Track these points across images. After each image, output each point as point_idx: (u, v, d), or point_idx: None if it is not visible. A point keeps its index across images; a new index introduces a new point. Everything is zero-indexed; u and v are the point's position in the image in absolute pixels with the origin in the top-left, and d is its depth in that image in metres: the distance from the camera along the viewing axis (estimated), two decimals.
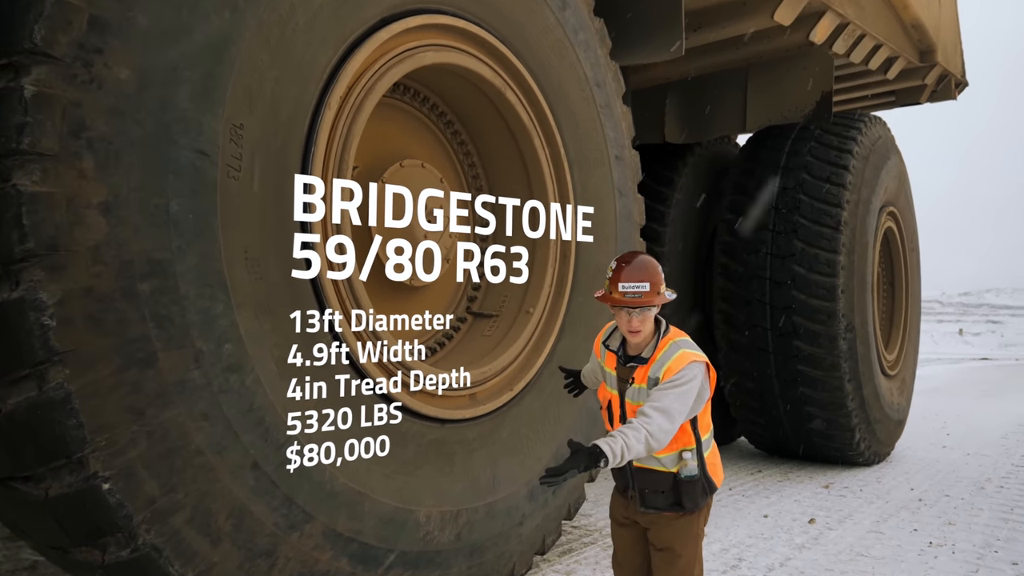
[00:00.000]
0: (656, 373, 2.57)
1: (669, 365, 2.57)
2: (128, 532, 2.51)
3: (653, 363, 2.59)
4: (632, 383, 2.62)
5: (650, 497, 2.65)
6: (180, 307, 2.54)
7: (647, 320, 2.57)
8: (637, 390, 2.61)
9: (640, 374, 2.61)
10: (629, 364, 2.65)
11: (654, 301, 2.54)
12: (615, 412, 2.71)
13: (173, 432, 2.54)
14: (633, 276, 2.55)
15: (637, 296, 2.54)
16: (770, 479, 6.77)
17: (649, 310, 2.56)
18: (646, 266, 2.58)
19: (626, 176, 4.67)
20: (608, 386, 2.74)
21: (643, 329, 2.58)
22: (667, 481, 2.62)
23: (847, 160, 6.91)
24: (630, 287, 2.54)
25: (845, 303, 6.73)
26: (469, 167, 4.25)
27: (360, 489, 3.08)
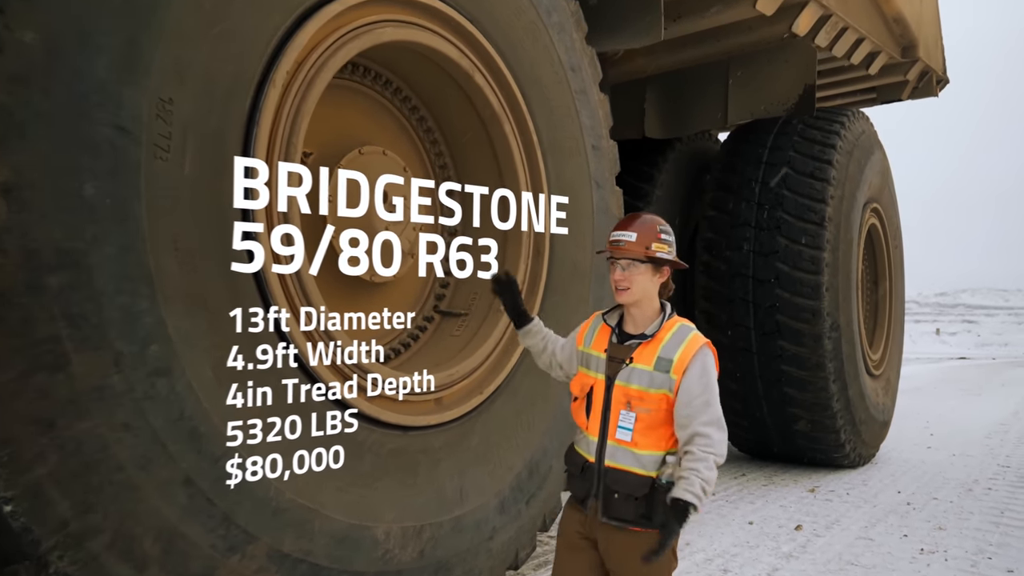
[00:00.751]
0: (669, 354, 2.30)
1: (685, 347, 2.30)
2: (37, 560, 2.19)
3: (662, 342, 2.32)
4: (629, 363, 2.33)
5: (617, 504, 2.29)
6: (96, 304, 2.22)
7: (634, 279, 2.34)
8: (636, 371, 2.31)
9: (644, 353, 2.32)
10: (628, 342, 2.37)
11: (636, 252, 2.33)
12: (596, 400, 2.39)
13: (89, 445, 2.21)
14: (624, 225, 2.40)
15: (619, 244, 2.36)
16: (754, 483, 6.52)
17: (635, 266, 2.34)
18: (642, 220, 2.40)
19: (604, 167, 4.38)
20: (591, 371, 2.43)
21: (631, 288, 2.34)
22: (643, 486, 2.27)
23: (831, 155, 6.68)
24: (617, 235, 2.38)
25: (830, 301, 6.50)
26: (436, 156, 3.95)
27: (310, 505, 2.77)
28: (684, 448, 2.29)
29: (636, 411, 2.30)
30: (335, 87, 3.49)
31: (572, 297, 4.11)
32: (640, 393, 2.30)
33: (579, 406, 2.46)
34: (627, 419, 2.30)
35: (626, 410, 2.31)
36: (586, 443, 2.42)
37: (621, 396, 2.33)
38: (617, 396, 2.34)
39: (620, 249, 2.35)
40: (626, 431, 2.30)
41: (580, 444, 2.46)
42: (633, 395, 2.31)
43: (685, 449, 2.29)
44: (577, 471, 2.43)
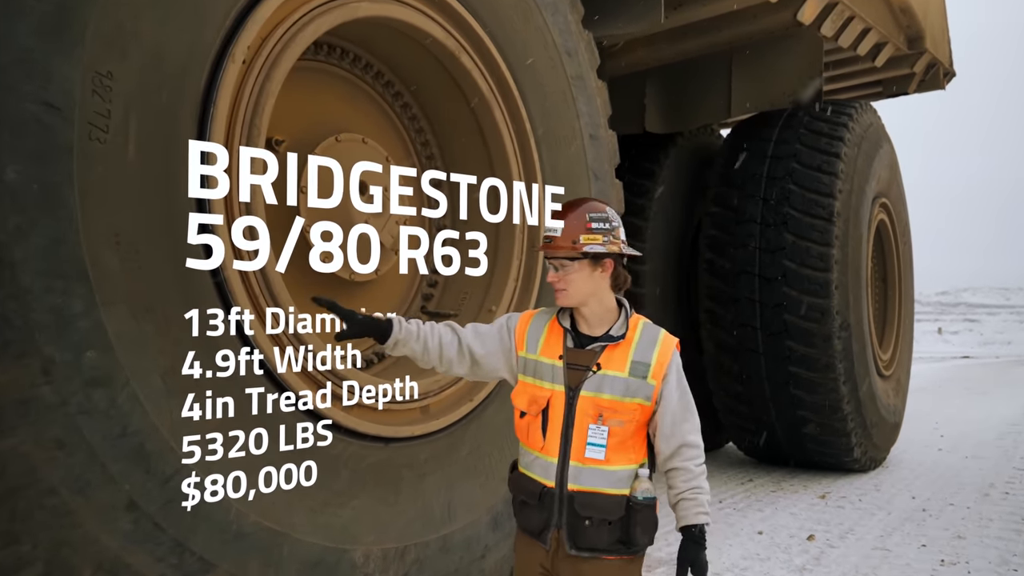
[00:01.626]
0: (645, 358, 2.02)
1: (660, 349, 2.03)
2: None
3: (632, 344, 2.04)
4: (596, 370, 2.02)
5: (588, 532, 1.99)
6: (21, 304, 1.92)
7: (569, 279, 2.03)
8: (608, 379, 2.01)
9: (614, 358, 2.03)
10: (591, 346, 2.06)
11: (563, 249, 2.02)
12: (555, 415, 2.04)
13: (14, 466, 1.92)
14: (554, 215, 2.08)
15: (547, 241, 2.06)
16: (762, 489, 6.21)
17: (568, 265, 2.03)
18: (572, 208, 2.06)
19: (602, 158, 4.08)
20: (543, 382, 2.08)
21: (568, 289, 2.04)
22: (617, 507, 1.99)
23: (839, 148, 6.37)
24: (545, 229, 2.08)
25: (839, 299, 6.19)
26: (422, 145, 3.65)
27: (277, 528, 2.47)
28: (673, 464, 2.05)
29: (609, 424, 2.00)
30: (311, 71, 3.20)
31: None
32: (613, 403, 2.01)
33: (530, 424, 2.10)
34: (598, 434, 2.00)
35: (596, 424, 2.00)
36: (541, 466, 2.06)
37: (590, 408, 2.01)
38: (584, 408, 2.01)
39: (547, 247, 2.05)
40: (598, 448, 2.00)
41: (533, 468, 2.09)
42: (605, 406, 2.00)
43: (675, 465, 2.05)
44: (532, 499, 2.06)
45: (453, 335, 2.18)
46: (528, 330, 2.15)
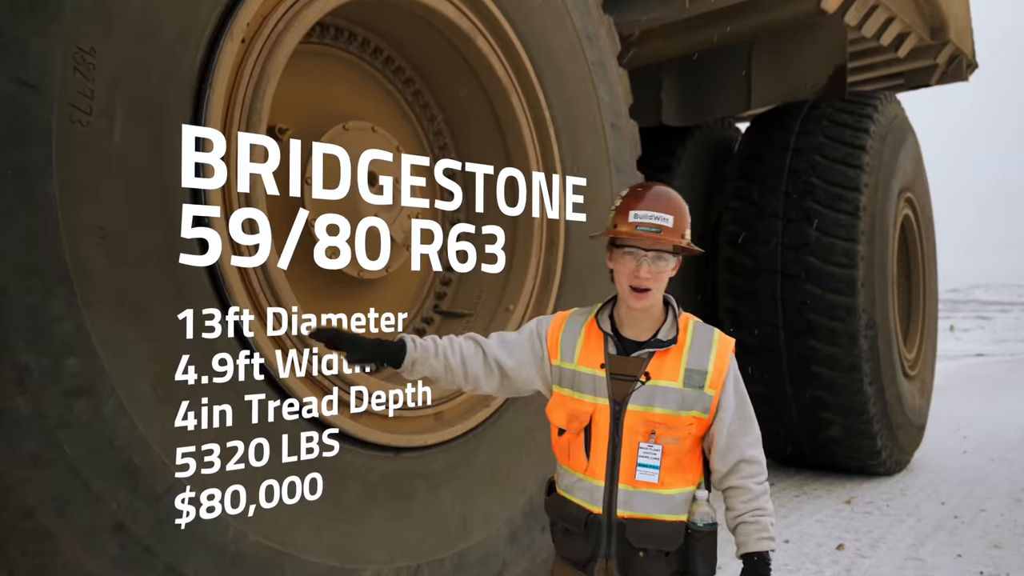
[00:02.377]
0: (701, 364, 1.79)
1: (717, 353, 1.81)
2: None
3: (685, 349, 1.81)
4: (646, 380, 1.78)
5: (644, 565, 1.77)
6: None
7: (662, 276, 1.79)
8: (660, 390, 1.78)
9: (664, 366, 1.79)
10: (637, 353, 1.82)
11: (677, 241, 1.77)
12: (599, 433, 1.80)
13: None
14: (653, 204, 1.78)
15: (654, 230, 1.76)
16: (786, 494, 5.97)
17: (665, 260, 1.79)
18: (671, 197, 1.82)
19: (624, 149, 3.86)
20: (584, 394, 1.83)
21: (654, 289, 1.78)
22: (676, 536, 1.77)
23: (864, 140, 6.12)
24: (647, 216, 1.76)
25: (865, 297, 5.94)
26: (435, 135, 3.43)
27: (279, 548, 2.26)
28: (731, 483, 1.82)
29: (662, 442, 1.77)
30: (317, 55, 2.99)
31: (592, 294, 3.58)
32: (667, 418, 1.78)
33: (570, 443, 1.86)
34: (651, 454, 1.77)
35: (648, 442, 1.77)
36: (586, 490, 1.83)
37: (639, 425, 1.78)
38: (632, 425, 1.78)
39: (654, 237, 1.76)
40: (651, 470, 1.76)
41: (575, 491, 1.86)
42: (658, 421, 1.77)
43: (733, 484, 1.82)
44: (577, 527, 1.83)
45: (476, 348, 1.93)
46: (562, 336, 1.90)
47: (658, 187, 1.85)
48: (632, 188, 1.86)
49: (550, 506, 1.94)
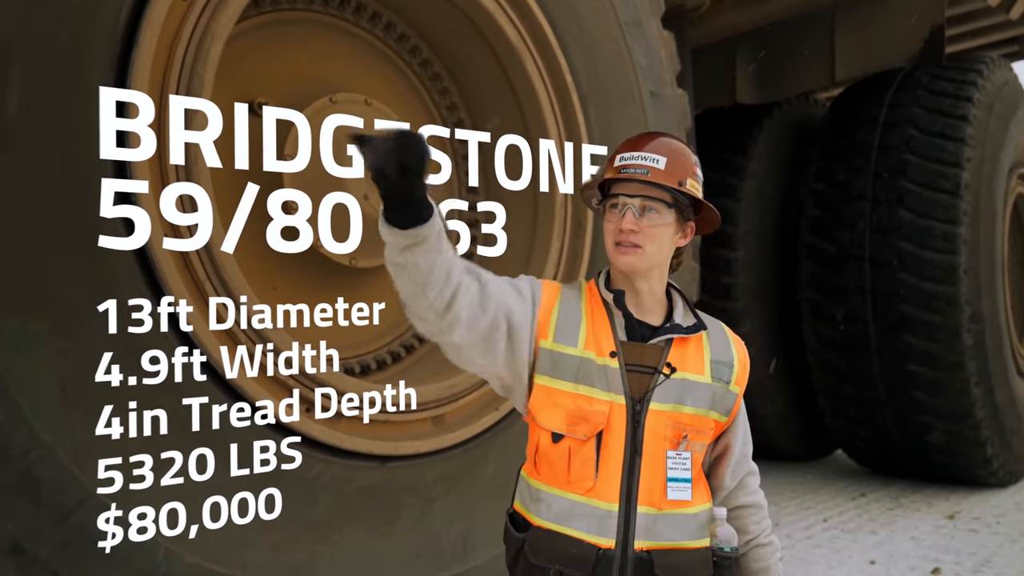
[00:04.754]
0: (726, 356, 1.46)
1: (737, 347, 1.50)
2: None
3: (706, 336, 1.46)
4: (670, 373, 1.38)
5: None
6: None
7: (654, 232, 1.38)
8: (688, 385, 1.40)
9: (688, 356, 1.42)
10: (655, 340, 1.41)
11: (669, 182, 1.37)
12: (613, 440, 1.36)
13: None
14: (643, 146, 1.41)
15: (641, 171, 1.37)
16: (877, 506, 5.27)
17: (658, 212, 1.38)
18: (668, 141, 1.44)
19: (668, 120, 3.38)
20: (595, 389, 1.38)
21: (644, 246, 1.37)
22: (704, 566, 1.38)
23: (966, 109, 5.34)
24: (633, 157, 1.39)
25: (969, 287, 5.17)
26: (448, 109, 3.07)
27: (223, 571, 1.94)
28: (741, 500, 1.50)
29: (692, 449, 1.41)
30: (310, 23, 2.69)
31: None
32: (696, 420, 1.41)
33: (571, 454, 1.38)
34: (681, 464, 1.38)
35: (677, 450, 1.38)
36: (592, 517, 1.36)
37: (666, 428, 1.37)
38: (657, 429, 1.37)
39: (639, 179, 1.36)
40: (683, 484, 1.38)
41: (572, 521, 1.37)
42: (687, 424, 1.39)
43: (744, 502, 1.50)
44: (579, 570, 1.35)
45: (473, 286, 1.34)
46: (558, 311, 1.43)
47: (658, 134, 1.48)
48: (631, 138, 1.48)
49: (532, 545, 1.41)
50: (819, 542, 4.49)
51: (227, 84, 2.39)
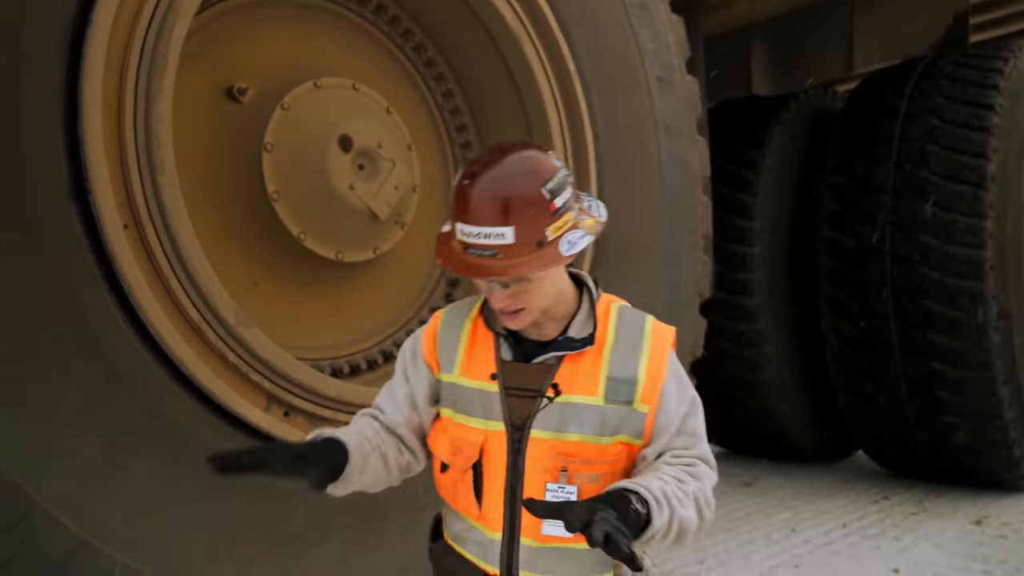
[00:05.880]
0: (628, 370, 1.24)
1: (650, 354, 1.25)
2: None
3: (607, 348, 1.25)
4: (554, 396, 1.23)
5: None
6: None
7: (531, 295, 1.20)
8: (573, 409, 1.23)
9: (579, 374, 1.24)
10: (541, 357, 1.25)
11: (527, 263, 1.15)
12: (493, 470, 1.26)
13: None
14: (480, 210, 1.15)
15: (489, 253, 1.15)
16: (900, 511, 5.04)
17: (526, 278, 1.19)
18: (505, 187, 1.15)
19: (676, 107, 3.18)
20: (472, 417, 1.28)
21: (528, 307, 1.20)
22: None
23: (992, 98, 5.07)
24: (474, 234, 1.15)
25: (995, 282, 4.92)
26: (444, 96, 2.89)
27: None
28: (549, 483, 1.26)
29: (577, 481, 1.23)
30: (298, 5, 2.53)
31: (632, 280, 2.94)
32: (583, 448, 1.23)
33: (456, 484, 1.32)
34: (562, 498, 1.22)
35: (558, 483, 1.22)
36: (479, 543, 1.31)
37: (546, 458, 1.23)
38: (537, 459, 1.23)
39: (491, 265, 1.16)
40: None
41: (466, 543, 1.34)
42: (571, 453, 1.23)
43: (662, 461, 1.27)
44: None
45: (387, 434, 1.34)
46: (439, 340, 1.34)
47: (495, 171, 1.17)
48: (464, 171, 1.21)
49: (435, 559, 1.41)
50: (839, 548, 4.27)
51: (204, 69, 2.24)
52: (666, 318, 3.11)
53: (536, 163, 1.16)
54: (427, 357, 1.34)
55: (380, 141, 2.45)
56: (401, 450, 1.33)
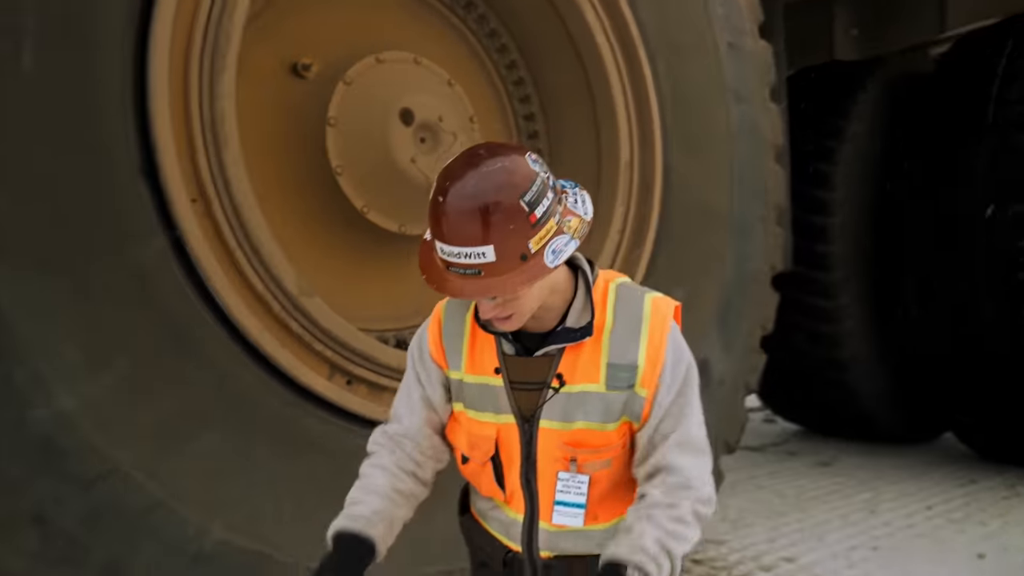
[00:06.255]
0: (628, 356, 1.20)
1: (649, 337, 1.21)
2: None
3: (605, 334, 1.21)
4: (560, 385, 1.21)
5: None
6: None
7: (519, 304, 1.16)
8: (576, 398, 1.22)
9: (580, 363, 1.22)
10: (542, 350, 1.23)
11: (511, 279, 1.10)
12: (509, 461, 1.28)
13: None
14: (457, 230, 1.09)
15: (470, 272, 1.10)
16: (989, 495, 4.79)
17: None
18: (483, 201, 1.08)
19: (747, 73, 3.07)
20: (483, 412, 1.28)
21: (518, 312, 1.17)
22: None
23: None
24: (454, 254, 1.10)
25: None
26: (508, 68, 2.87)
27: (256, 547, 1.85)
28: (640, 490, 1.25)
29: (587, 470, 1.24)
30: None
31: (699, 251, 2.88)
32: (591, 436, 1.23)
33: (479, 473, 1.34)
34: (573, 487, 1.24)
35: (569, 472, 1.23)
36: (502, 522, 1.36)
37: (555, 448, 1.24)
38: (548, 449, 1.24)
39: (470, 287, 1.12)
40: (573, 509, 1.24)
41: (490, 520, 1.38)
42: (580, 442, 1.23)
43: (641, 491, 1.25)
44: (495, 564, 1.37)
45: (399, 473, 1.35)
46: (443, 337, 1.32)
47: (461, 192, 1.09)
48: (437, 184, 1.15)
49: (465, 530, 1.46)
50: (921, 531, 4.09)
51: (269, 46, 2.29)
52: (734, 291, 3.04)
53: (510, 173, 1.09)
54: (435, 356, 1.33)
55: (441, 114, 2.45)
56: (417, 476, 1.35)
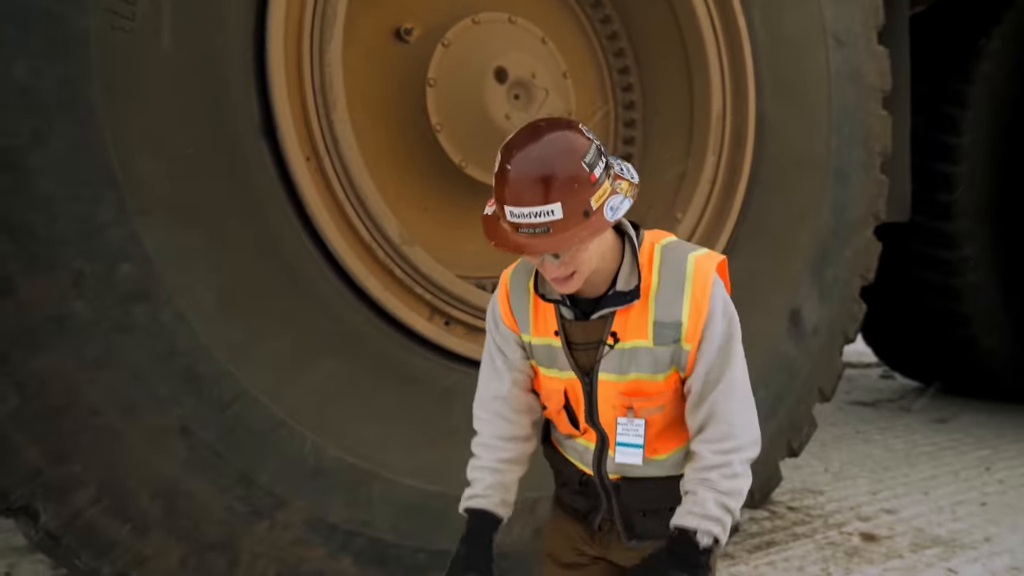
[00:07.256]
0: (673, 314, 1.31)
1: (691, 296, 1.30)
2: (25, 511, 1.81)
3: (652, 295, 1.32)
4: (614, 343, 1.33)
5: (647, 523, 1.43)
6: (44, 213, 1.71)
7: (579, 259, 1.25)
8: (629, 354, 1.34)
9: (631, 322, 1.33)
10: (597, 314, 1.34)
11: (577, 234, 1.20)
12: (577, 408, 1.42)
13: (53, 384, 1.75)
14: (524, 192, 1.19)
15: (539, 230, 1.19)
16: None
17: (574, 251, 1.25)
18: (550, 164, 1.19)
19: (850, 16, 2.97)
20: (552, 369, 1.42)
21: (579, 270, 1.27)
22: (675, 493, 1.38)
23: None
24: (522, 215, 1.19)
25: None
26: (601, 22, 2.91)
27: (365, 465, 2.08)
28: (692, 445, 1.38)
29: (644, 414, 1.37)
30: None
31: (796, 200, 2.85)
32: (642, 386, 1.36)
33: (556, 417, 1.49)
34: (631, 430, 1.37)
35: (626, 417, 1.37)
36: (576, 449, 1.49)
37: (613, 398, 1.37)
38: (607, 398, 1.38)
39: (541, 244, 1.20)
40: (632, 449, 1.37)
41: (567, 448, 1.52)
42: (634, 391, 1.36)
43: (692, 448, 1.38)
44: (572, 484, 1.51)
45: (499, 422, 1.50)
46: (512, 303, 1.45)
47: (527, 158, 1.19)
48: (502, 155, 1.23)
49: (548, 458, 1.59)
50: (1005, 493, 3.91)
51: (376, 13, 2.45)
52: (831, 239, 2.98)
53: (570, 140, 1.21)
54: (507, 322, 1.45)
55: (534, 71, 2.54)
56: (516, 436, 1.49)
